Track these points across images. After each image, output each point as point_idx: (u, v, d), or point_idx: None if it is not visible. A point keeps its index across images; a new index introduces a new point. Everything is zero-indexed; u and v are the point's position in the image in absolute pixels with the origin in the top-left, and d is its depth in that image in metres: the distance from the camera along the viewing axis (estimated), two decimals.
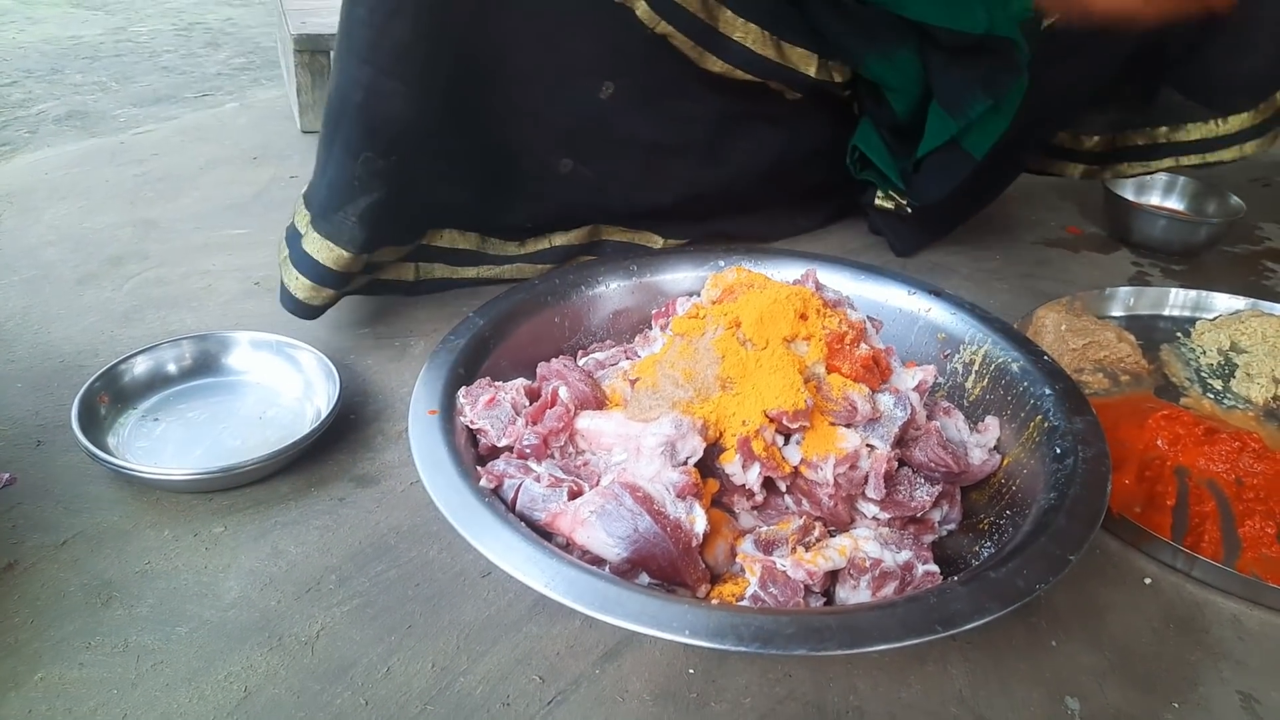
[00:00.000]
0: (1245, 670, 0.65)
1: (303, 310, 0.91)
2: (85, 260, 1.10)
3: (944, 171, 1.14)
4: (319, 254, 0.88)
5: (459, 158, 0.95)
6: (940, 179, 1.15)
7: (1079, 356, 0.96)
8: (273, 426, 0.82)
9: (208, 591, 0.66)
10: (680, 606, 0.54)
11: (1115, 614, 0.69)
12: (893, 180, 1.18)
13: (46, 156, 1.43)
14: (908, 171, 1.18)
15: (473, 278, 1.04)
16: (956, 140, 1.10)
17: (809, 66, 1.06)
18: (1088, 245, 1.32)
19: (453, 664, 0.61)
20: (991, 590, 0.56)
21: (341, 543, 0.71)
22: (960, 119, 1.07)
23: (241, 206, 1.27)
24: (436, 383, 0.73)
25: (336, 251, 0.87)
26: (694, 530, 0.62)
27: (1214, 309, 1.09)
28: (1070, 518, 0.62)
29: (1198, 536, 0.75)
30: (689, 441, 0.66)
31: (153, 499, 0.74)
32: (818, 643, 0.52)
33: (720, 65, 1.01)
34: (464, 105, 0.92)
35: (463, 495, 0.62)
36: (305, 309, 0.91)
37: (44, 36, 2.18)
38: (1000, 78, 1.05)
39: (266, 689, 0.59)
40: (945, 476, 0.72)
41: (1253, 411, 0.92)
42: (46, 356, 0.91)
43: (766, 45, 1.02)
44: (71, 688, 0.58)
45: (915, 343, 0.88)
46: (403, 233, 0.96)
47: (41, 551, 0.68)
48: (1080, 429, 0.71)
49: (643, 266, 0.94)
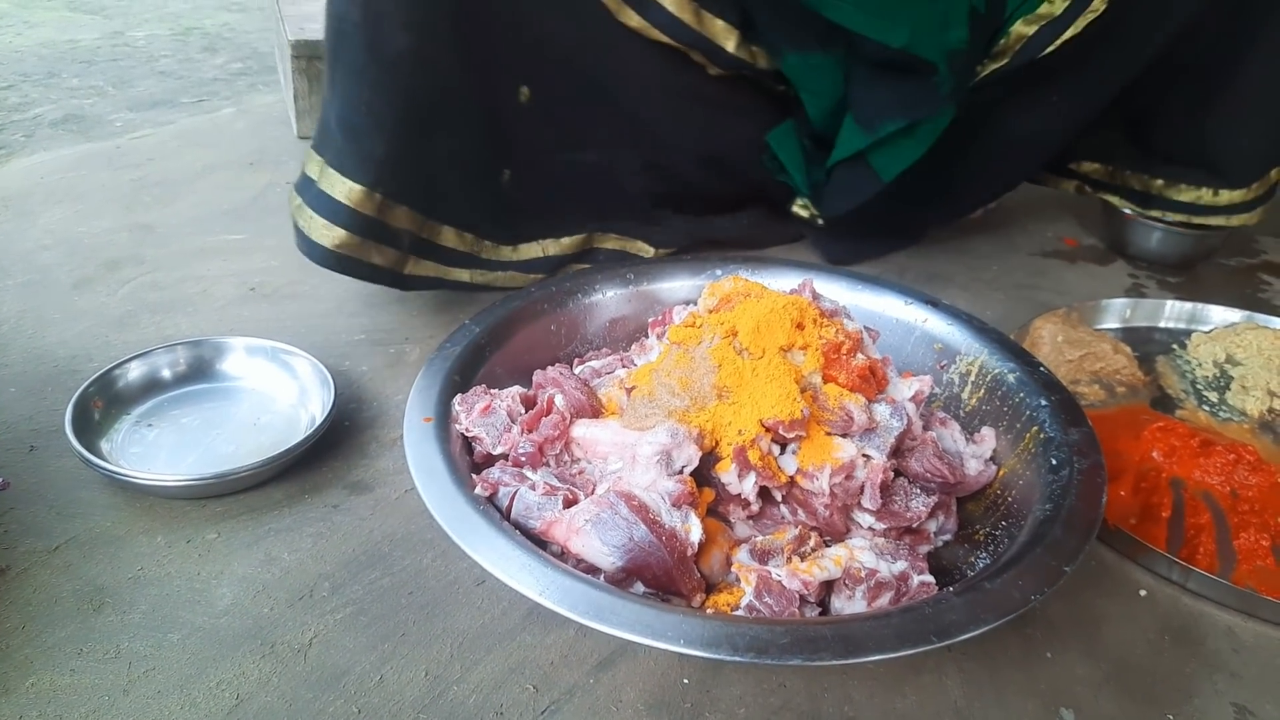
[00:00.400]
0: (1240, 682, 0.65)
1: (319, 253, 0.90)
2: (80, 265, 1.10)
3: (851, 187, 1.14)
4: (334, 190, 0.88)
5: (458, 108, 0.94)
6: (846, 194, 1.14)
7: (1075, 368, 0.97)
8: (267, 433, 0.81)
9: (200, 598, 0.65)
10: (675, 616, 0.54)
11: (1110, 625, 0.69)
12: (799, 187, 1.18)
13: (42, 160, 1.43)
14: (820, 183, 1.17)
15: (465, 281, 1.03)
16: (865, 157, 1.10)
17: (728, 41, 1.04)
18: (1084, 257, 1.32)
19: (446, 672, 0.61)
20: (987, 601, 0.56)
21: (335, 550, 0.71)
22: (870, 134, 1.07)
23: (238, 212, 1.27)
24: (432, 390, 0.73)
25: (349, 185, 0.87)
26: (689, 539, 0.62)
27: (1210, 321, 1.09)
28: (1066, 529, 0.62)
29: (1193, 548, 0.75)
30: (684, 450, 0.66)
31: (146, 505, 0.74)
32: (813, 653, 0.52)
33: (637, 20, 0.99)
34: (465, 42, 0.91)
35: (457, 503, 0.62)
36: (320, 252, 0.90)
37: (41, 40, 2.18)
38: (918, 102, 1.05)
39: (259, 696, 0.58)
40: (941, 487, 0.72)
41: (1248, 424, 0.92)
42: (41, 361, 0.91)
43: (685, 9, 1.00)
44: (63, 694, 0.58)
45: (911, 353, 0.88)
46: (418, 191, 0.94)
47: (34, 557, 0.68)
48: (1076, 440, 0.71)
49: (639, 275, 0.94)
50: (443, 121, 0.93)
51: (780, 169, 1.20)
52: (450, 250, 1.01)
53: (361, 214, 0.89)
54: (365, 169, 0.87)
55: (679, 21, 1.00)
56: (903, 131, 1.06)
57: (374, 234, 0.92)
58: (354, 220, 0.89)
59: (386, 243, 0.94)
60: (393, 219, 0.92)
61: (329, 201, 0.88)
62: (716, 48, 1.04)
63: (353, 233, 0.90)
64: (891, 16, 1.00)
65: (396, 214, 0.92)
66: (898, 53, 1.01)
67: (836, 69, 1.08)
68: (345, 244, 0.90)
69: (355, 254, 0.91)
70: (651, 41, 1.02)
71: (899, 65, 1.03)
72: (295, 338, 0.91)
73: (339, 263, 0.91)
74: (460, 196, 1.00)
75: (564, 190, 1.09)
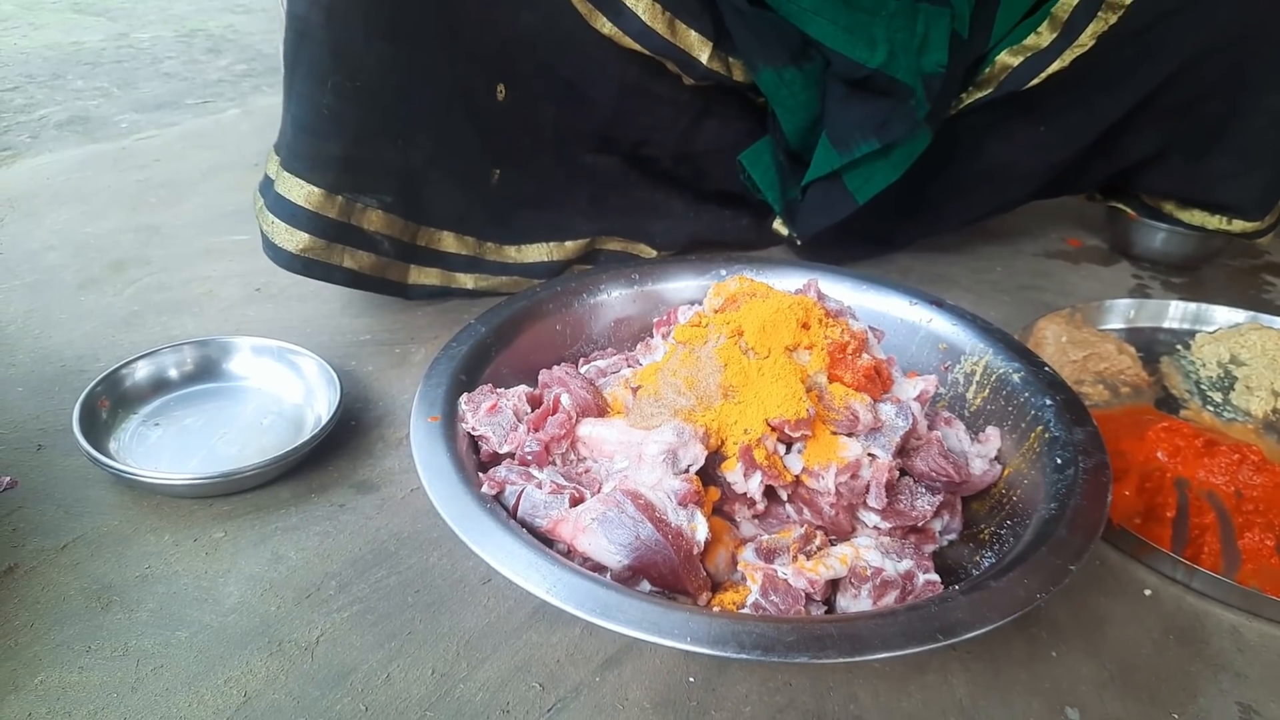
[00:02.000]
0: (1245, 682, 0.65)
1: (284, 258, 0.90)
2: (87, 265, 1.10)
3: (824, 207, 1.12)
4: (290, 193, 0.87)
5: (431, 108, 0.93)
6: (820, 213, 1.13)
7: (1079, 368, 0.97)
8: (273, 432, 0.82)
9: (208, 596, 0.66)
10: (681, 614, 0.54)
11: (1115, 625, 0.69)
12: (773, 206, 1.17)
13: (48, 162, 1.43)
14: (795, 201, 1.16)
15: (469, 287, 1.04)
16: (840, 177, 1.09)
17: (702, 53, 1.02)
18: (1088, 257, 1.32)
19: (452, 670, 0.61)
20: (992, 600, 0.56)
21: (342, 549, 0.71)
22: (844, 154, 1.06)
23: (243, 212, 1.27)
24: (438, 389, 0.73)
25: (307, 188, 0.87)
26: (695, 538, 0.62)
27: (1214, 322, 1.09)
28: (1071, 528, 0.62)
29: (1197, 548, 0.75)
30: (690, 449, 0.66)
31: (153, 504, 0.74)
32: (818, 651, 0.52)
33: (610, 27, 0.97)
34: (435, 42, 0.90)
35: (464, 502, 0.62)
36: (286, 256, 0.90)
37: (46, 42, 2.19)
38: (894, 124, 1.03)
39: (266, 694, 0.59)
40: (946, 486, 0.72)
41: (1252, 424, 0.92)
42: (48, 361, 0.91)
43: (658, 19, 0.97)
44: (71, 691, 0.58)
45: (916, 353, 0.88)
46: (382, 180, 0.93)
47: (42, 555, 0.68)
48: (1081, 440, 0.71)
49: (644, 275, 0.94)
50: (418, 123, 0.93)
51: (755, 187, 1.19)
52: (454, 255, 1.01)
53: (324, 217, 0.89)
54: (322, 171, 0.87)
55: (652, 31, 0.98)
56: (878, 153, 1.05)
57: (341, 237, 0.91)
58: (316, 224, 0.89)
59: (360, 246, 0.93)
60: (365, 222, 0.92)
61: (288, 205, 0.88)
62: (691, 59, 1.02)
63: (316, 236, 0.89)
64: (869, 35, 0.99)
65: (369, 217, 0.92)
66: (874, 72, 1.00)
67: (812, 86, 1.07)
68: (310, 248, 0.90)
69: (322, 258, 0.91)
70: (625, 49, 1.00)
71: (875, 86, 1.02)
72: (301, 338, 0.91)
73: (306, 267, 0.91)
74: (452, 199, 0.99)
75: (559, 188, 1.09)
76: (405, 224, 0.96)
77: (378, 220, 0.93)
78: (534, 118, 1.03)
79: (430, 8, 0.88)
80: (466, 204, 1.01)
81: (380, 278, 0.97)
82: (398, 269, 0.99)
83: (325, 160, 0.87)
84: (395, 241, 0.96)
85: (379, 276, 0.97)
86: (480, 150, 1.00)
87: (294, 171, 0.87)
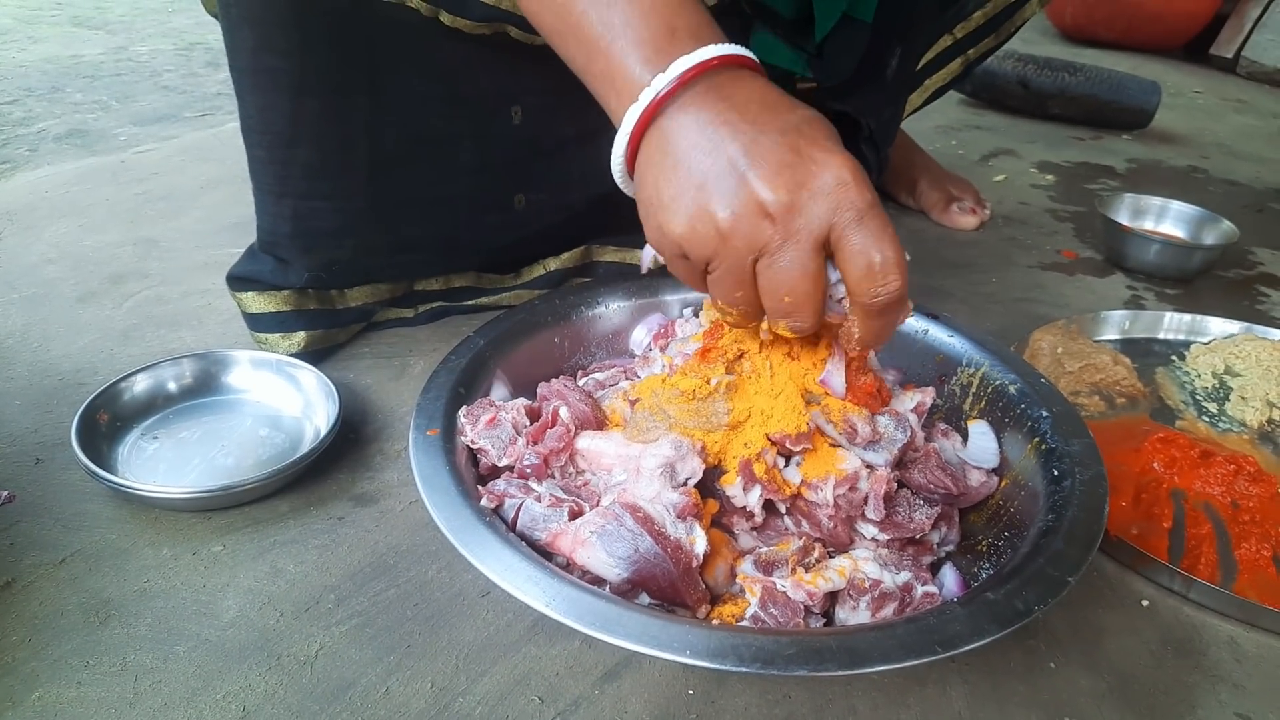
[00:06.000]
0: (1243, 693, 0.65)
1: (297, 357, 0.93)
2: (85, 278, 1.11)
3: (846, 47, 1.11)
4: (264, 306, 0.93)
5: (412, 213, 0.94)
6: (845, 55, 1.12)
7: (1075, 379, 0.97)
8: (272, 445, 0.82)
9: (206, 610, 0.66)
10: (681, 627, 0.54)
11: (1113, 636, 0.69)
12: (799, 72, 1.14)
13: (47, 175, 1.44)
14: (813, 59, 1.14)
15: (470, 305, 1.05)
16: (847, 14, 1.08)
17: None
18: (1083, 269, 1.33)
19: (451, 684, 0.61)
20: (990, 612, 0.56)
21: (340, 562, 0.71)
22: None
23: (242, 226, 1.27)
24: (437, 402, 0.73)
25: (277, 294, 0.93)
26: (694, 551, 0.62)
27: (1209, 333, 1.10)
28: (1068, 540, 0.62)
29: (1194, 559, 0.76)
30: (688, 463, 0.66)
31: (151, 517, 0.74)
32: (818, 663, 0.52)
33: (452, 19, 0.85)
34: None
35: (463, 515, 0.62)
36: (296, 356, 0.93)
37: (45, 55, 2.20)
38: None
39: (265, 709, 0.58)
40: (944, 498, 0.72)
41: (1247, 434, 0.93)
42: (46, 374, 0.91)
43: None
44: (69, 707, 0.58)
45: (912, 365, 0.88)
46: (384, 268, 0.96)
47: (39, 569, 0.68)
48: (1077, 451, 0.72)
49: (642, 287, 0.94)
50: (435, 156, 0.93)
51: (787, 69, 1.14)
52: (463, 289, 1.04)
53: (305, 311, 0.93)
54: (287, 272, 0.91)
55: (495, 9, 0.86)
56: None
57: (333, 321, 0.97)
58: (303, 320, 0.94)
59: (354, 321, 0.98)
60: (349, 300, 0.96)
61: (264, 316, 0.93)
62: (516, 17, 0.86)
63: (311, 330, 0.94)
64: None
65: (351, 295, 0.96)
66: None
67: None
68: (309, 343, 0.94)
69: (323, 344, 0.96)
70: None
71: None
72: None
73: (317, 355, 0.94)
74: (472, 239, 1.00)
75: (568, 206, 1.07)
76: (393, 285, 0.99)
77: (363, 294, 0.97)
78: (535, 133, 1.00)
79: None
80: (487, 239, 1.02)
81: (384, 320, 1.00)
82: (397, 311, 1.02)
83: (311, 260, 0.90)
84: (387, 301, 1.00)
85: (381, 320, 1.00)
86: (502, 178, 0.99)
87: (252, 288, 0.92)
